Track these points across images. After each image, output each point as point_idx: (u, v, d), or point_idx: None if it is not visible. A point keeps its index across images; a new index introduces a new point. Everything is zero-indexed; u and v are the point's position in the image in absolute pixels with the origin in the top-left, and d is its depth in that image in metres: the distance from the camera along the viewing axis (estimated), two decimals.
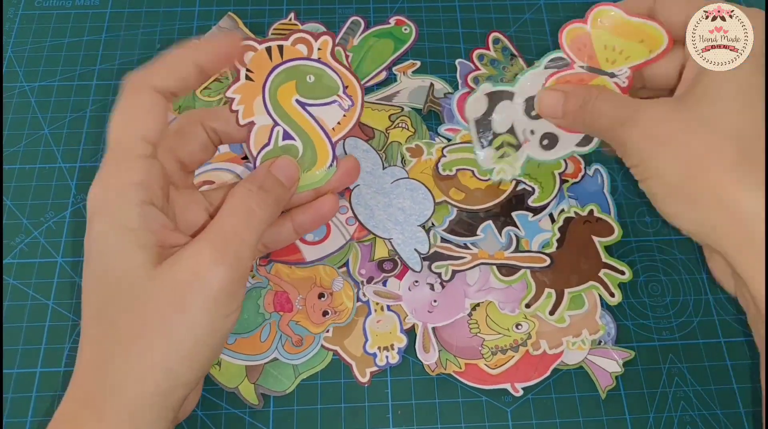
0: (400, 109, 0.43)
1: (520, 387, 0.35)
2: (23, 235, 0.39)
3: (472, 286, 0.38)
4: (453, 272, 0.37)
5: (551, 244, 0.38)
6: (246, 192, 0.29)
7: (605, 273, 0.38)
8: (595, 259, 0.38)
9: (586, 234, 0.39)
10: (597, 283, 0.37)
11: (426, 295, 0.37)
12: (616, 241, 0.39)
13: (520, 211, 0.39)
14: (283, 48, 0.31)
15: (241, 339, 0.36)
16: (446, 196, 0.39)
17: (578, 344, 0.36)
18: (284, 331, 0.36)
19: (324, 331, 0.36)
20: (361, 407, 0.35)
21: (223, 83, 0.43)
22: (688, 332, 0.38)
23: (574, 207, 0.39)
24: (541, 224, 0.39)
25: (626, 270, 0.38)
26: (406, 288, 0.38)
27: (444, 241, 0.39)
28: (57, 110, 0.44)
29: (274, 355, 0.35)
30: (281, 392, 0.35)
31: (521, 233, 0.39)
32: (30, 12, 0.47)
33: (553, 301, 0.37)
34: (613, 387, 0.36)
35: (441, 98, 0.44)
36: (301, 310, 0.37)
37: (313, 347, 0.36)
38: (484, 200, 0.39)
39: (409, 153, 0.41)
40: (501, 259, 0.38)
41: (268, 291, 0.37)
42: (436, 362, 0.36)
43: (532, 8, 0.49)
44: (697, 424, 0.35)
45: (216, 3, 0.48)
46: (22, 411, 0.35)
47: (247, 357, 0.35)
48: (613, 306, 0.37)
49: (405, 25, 0.47)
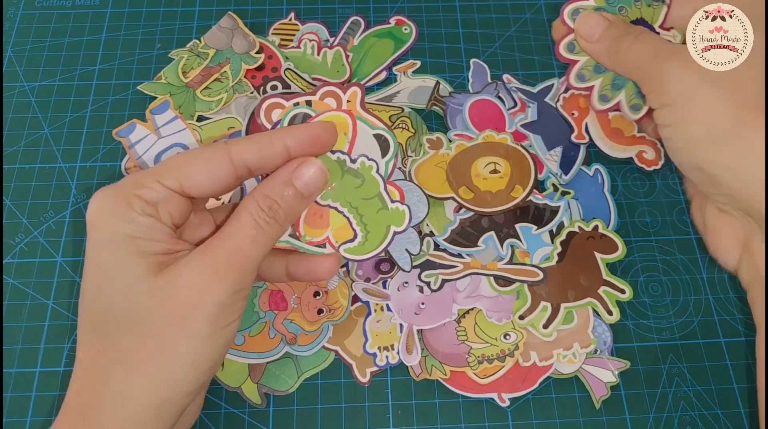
0: (401, 110, 0.43)
1: (507, 397, 0.35)
2: (23, 234, 0.39)
3: (461, 292, 0.37)
4: (442, 281, 0.37)
5: (552, 257, 0.38)
6: (256, 206, 0.27)
7: (605, 290, 0.37)
8: (596, 276, 0.37)
9: (589, 250, 0.38)
10: (595, 300, 0.37)
11: (414, 297, 0.37)
12: (620, 258, 0.38)
13: (524, 223, 0.39)
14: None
15: (250, 339, 0.36)
16: (456, 193, 0.39)
17: (569, 357, 0.36)
18: (278, 329, 0.36)
19: (318, 328, 0.36)
20: (362, 407, 0.35)
21: (224, 83, 0.43)
22: (689, 332, 0.38)
23: (579, 221, 0.39)
24: (544, 238, 0.39)
25: (627, 289, 0.37)
26: (396, 288, 0.37)
27: (437, 250, 0.38)
28: (57, 110, 0.44)
29: (285, 350, 0.35)
30: (284, 391, 0.35)
31: (523, 246, 0.38)
32: (30, 12, 0.47)
33: (548, 314, 0.36)
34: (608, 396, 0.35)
35: (446, 97, 0.44)
36: (295, 309, 0.37)
37: (322, 338, 0.36)
38: (493, 204, 0.39)
39: (429, 144, 0.41)
40: (493, 270, 0.37)
41: (263, 290, 0.37)
42: (420, 367, 0.36)
43: (532, 8, 0.49)
44: (697, 425, 0.35)
45: (216, 3, 0.48)
46: (22, 410, 0.35)
47: (257, 355, 0.35)
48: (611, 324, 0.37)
49: (405, 25, 0.47)
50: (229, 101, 0.43)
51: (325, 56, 0.45)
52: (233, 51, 0.44)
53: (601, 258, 0.38)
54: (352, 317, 0.37)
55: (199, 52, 0.44)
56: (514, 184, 0.39)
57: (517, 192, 0.39)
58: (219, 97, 0.43)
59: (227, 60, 0.44)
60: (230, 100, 0.43)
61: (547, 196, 0.40)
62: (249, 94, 0.43)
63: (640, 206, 0.41)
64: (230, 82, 0.43)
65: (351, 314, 0.37)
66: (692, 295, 0.39)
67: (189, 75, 0.43)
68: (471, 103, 0.43)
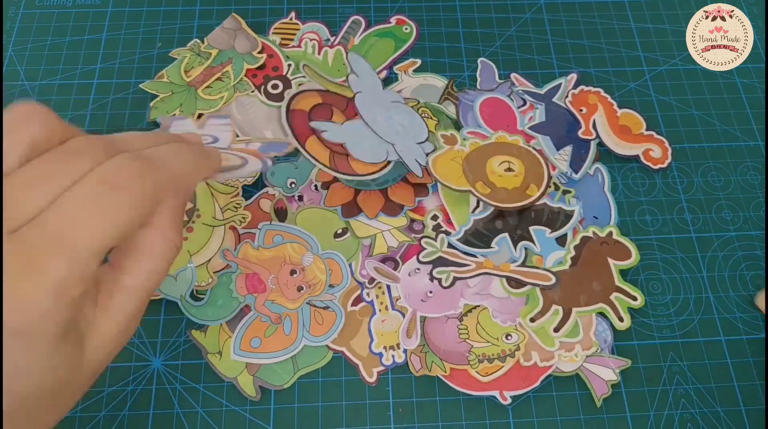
0: (417, 102, 0.43)
1: (508, 395, 0.35)
2: None
3: (471, 288, 0.37)
4: (454, 279, 0.37)
5: (565, 261, 0.38)
6: None
7: (617, 297, 0.37)
8: (608, 282, 0.37)
9: (602, 255, 0.38)
10: (607, 305, 0.37)
11: (424, 284, 0.37)
12: (633, 265, 0.38)
13: (538, 225, 0.39)
14: None
15: (267, 339, 0.36)
16: (473, 187, 0.39)
17: (570, 357, 0.36)
18: (261, 311, 0.36)
19: (300, 305, 0.36)
20: (362, 405, 0.35)
21: (224, 83, 0.43)
22: (689, 330, 0.38)
23: (594, 227, 0.39)
24: (558, 241, 0.39)
25: (639, 296, 0.37)
26: (407, 273, 0.38)
27: (450, 247, 0.38)
28: (58, 109, 0.43)
29: (304, 343, 0.35)
30: (279, 386, 0.35)
31: (536, 249, 0.38)
32: (31, 11, 0.47)
33: (559, 318, 0.36)
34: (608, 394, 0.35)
35: (459, 92, 0.44)
36: (274, 289, 0.37)
37: (338, 323, 0.36)
38: (508, 200, 0.38)
39: (443, 139, 0.41)
40: (506, 271, 0.37)
41: (238, 275, 0.37)
42: (420, 363, 0.36)
43: (533, 8, 0.49)
44: (697, 422, 0.35)
45: (217, 2, 0.48)
46: None
47: (278, 353, 0.35)
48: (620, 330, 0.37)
49: (406, 24, 0.48)
50: (230, 100, 0.43)
51: (326, 55, 0.45)
52: (236, 51, 0.44)
53: (614, 264, 0.38)
54: (357, 317, 0.37)
55: (202, 51, 0.45)
56: (528, 183, 0.39)
57: (531, 190, 0.39)
58: (220, 95, 0.43)
59: (230, 60, 0.44)
60: (231, 98, 0.43)
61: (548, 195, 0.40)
62: (250, 92, 0.43)
63: (640, 205, 0.41)
64: (231, 81, 0.43)
65: (356, 314, 0.37)
66: (692, 294, 0.39)
67: (191, 74, 0.44)
68: (482, 101, 0.43)
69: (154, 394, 0.35)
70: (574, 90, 0.44)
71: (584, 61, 0.47)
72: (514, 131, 0.42)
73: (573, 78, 0.45)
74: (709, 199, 0.42)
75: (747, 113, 0.45)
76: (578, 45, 0.48)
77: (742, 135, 0.44)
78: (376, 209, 0.39)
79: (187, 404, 0.35)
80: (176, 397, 0.35)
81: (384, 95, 0.42)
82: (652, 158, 0.42)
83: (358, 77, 0.42)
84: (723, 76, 0.46)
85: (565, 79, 0.45)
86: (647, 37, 0.48)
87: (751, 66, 0.46)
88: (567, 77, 0.45)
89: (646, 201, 0.42)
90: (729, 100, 0.45)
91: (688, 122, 0.45)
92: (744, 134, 0.44)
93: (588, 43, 0.48)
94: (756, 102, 0.46)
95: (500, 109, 0.43)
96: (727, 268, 0.40)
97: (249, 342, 0.35)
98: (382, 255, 0.38)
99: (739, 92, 0.46)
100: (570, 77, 0.45)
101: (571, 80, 0.45)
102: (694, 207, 0.42)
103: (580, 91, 0.44)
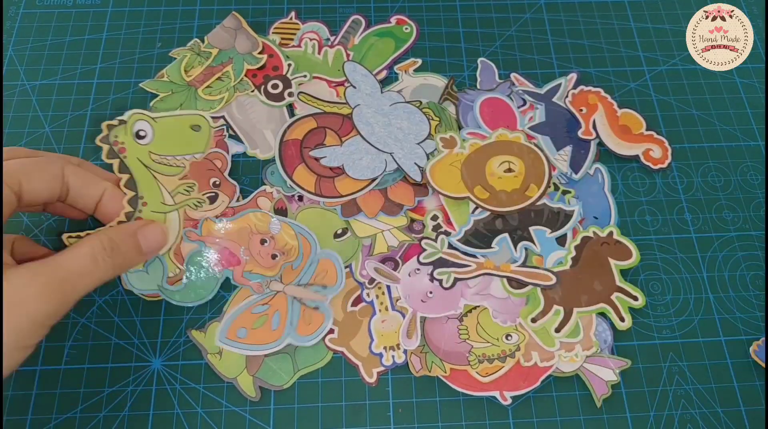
0: (420, 102, 0.43)
1: (509, 396, 0.35)
2: (24, 233, 0.39)
3: (471, 288, 0.37)
4: (455, 280, 0.37)
5: (566, 261, 0.38)
6: (99, 244, 0.29)
7: (618, 297, 0.37)
8: (609, 282, 0.37)
9: (603, 255, 0.38)
10: (608, 305, 0.37)
11: (424, 285, 0.37)
12: (633, 265, 0.38)
13: (538, 226, 0.39)
14: None
15: (253, 331, 0.35)
16: (471, 192, 0.39)
17: (570, 357, 0.36)
18: (242, 282, 0.36)
19: (279, 272, 0.36)
20: (362, 405, 0.35)
21: (224, 83, 0.43)
22: (689, 331, 0.38)
23: (594, 227, 0.39)
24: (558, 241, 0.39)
25: (640, 296, 0.37)
26: (407, 273, 0.38)
27: (451, 248, 0.38)
28: (58, 109, 0.43)
29: (288, 341, 0.35)
30: (279, 387, 0.35)
31: (537, 249, 0.38)
32: (31, 11, 0.47)
33: (560, 318, 0.36)
34: (608, 395, 0.35)
35: (459, 92, 0.44)
36: (249, 260, 0.37)
37: (325, 325, 0.36)
38: (508, 203, 0.39)
39: (442, 143, 0.41)
40: (507, 271, 0.37)
41: (210, 252, 0.37)
42: (420, 363, 0.36)
43: (533, 8, 0.49)
44: (697, 423, 0.35)
45: (217, 2, 0.48)
46: (22, 409, 0.35)
47: (261, 347, 0.35)
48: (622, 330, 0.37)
49: (406, 24, 0.48)
50: (230, 100, 0.43)
51: (326, 55, 0.45)
52: (236, 51, 0.44)
53: (614, 264, 0.38)
54: (357, 318, 0.37)
55: (202, 51, 0.45)
56: (528, 183, 0.39)
57: (531, 191, 0.39)
58: (220, 95, 0.43)
59: (230, 60, 0.44)
60: (231, 98, 0.43)
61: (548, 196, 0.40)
62: (250, 92, 0.43)
63: (640, 205, 0.41)
64: (232, 81, 0.43)
65: (356, 315, 0.37)
66: (692, 294, 0.39)
67: (191, 73, 0.44)
68: (482, 100, 0.43)
69: (154, 394, 0.35)
70: (574, 90, 0.44)
71: (584, 61, 0.47)
72: (514, 129, 0.42)
73: (573, 78, 0.45)
74: (709, 199, 0.42)
75: (747, 113, 0.45)
76: (578, 45, 0.48)
77: (742, 135, 0.44)
78: (375, 209, 0.39)
79: (187, 405, 0.35)
80: (176, 398, 0.35)
81: (382, 99, 0.42)
82: (652, 158, 0.42)
83: (355, 89, 0.42)
84: (723, 76, 0.46)
85: (565, 79, 0.45)
86: (647, 37, 0.48)
87: (751, 66, 0.46)
88: (567, 77, 0.45)
89: (646, 201, 0.42)
90: (729, 100, 0.46)
91: (688, 122, 0.45)
92: (744, 134, 0.44)
93: (588, 43, 0.48)
94: (756, 102, 0.46)
95: (500, 109, 0.43)
96: (727, 268, 0.40)
97: (236, 331, 0.35)
98: (382, 255, 0.38)
99: (739, 92, 0.46)
100: (570, 77, 0.45)
101: (571, 80, 0.45)
102: (694, 207, 0.42)
103: (580, 91, 0.44)
